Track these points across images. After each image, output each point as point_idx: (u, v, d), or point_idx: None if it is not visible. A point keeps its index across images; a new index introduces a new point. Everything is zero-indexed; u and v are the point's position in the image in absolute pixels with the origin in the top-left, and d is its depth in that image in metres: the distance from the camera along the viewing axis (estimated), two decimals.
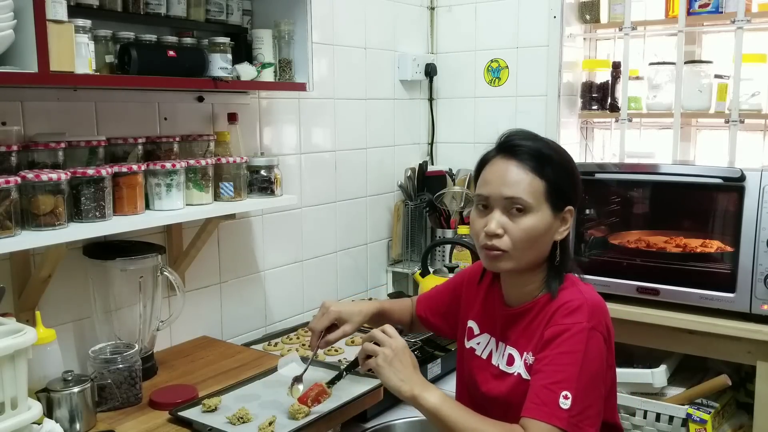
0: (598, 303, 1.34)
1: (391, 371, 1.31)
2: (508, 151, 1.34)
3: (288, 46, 2.02)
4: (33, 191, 1.45)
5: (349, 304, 1.63)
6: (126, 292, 1.76)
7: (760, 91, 2.40)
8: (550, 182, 1.31)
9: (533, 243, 1.32)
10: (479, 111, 2.91)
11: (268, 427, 1.46)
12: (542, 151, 1.32)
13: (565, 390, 1.23)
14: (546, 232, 1.32)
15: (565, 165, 1.35)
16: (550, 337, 1.28)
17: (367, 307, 1.62)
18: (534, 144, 1.34)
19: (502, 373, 1.40)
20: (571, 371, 1.24)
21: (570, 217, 1.35)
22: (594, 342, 1.28)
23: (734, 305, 2.05)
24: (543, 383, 1.25)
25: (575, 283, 1.38)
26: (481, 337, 1.49)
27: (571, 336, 1.26)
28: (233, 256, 2.19)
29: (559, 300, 1.33)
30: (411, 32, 2.89)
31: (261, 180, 2.00)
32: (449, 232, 2.77)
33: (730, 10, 2.39)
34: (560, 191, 1.32)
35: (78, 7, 1.59)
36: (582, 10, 2.74)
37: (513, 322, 1.41)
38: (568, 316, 1.29)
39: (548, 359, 1.27)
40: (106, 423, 1.54)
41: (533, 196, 1.30)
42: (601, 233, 2.38)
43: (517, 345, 1.39)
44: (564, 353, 1.26)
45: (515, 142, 1.34)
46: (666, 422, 2.14)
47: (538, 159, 1.31)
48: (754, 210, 2.00)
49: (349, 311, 1.58)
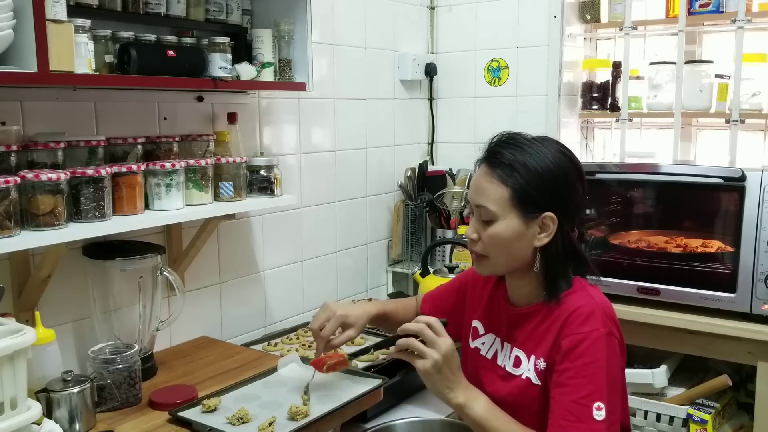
0: (609, 307, 1.34)
1: (439, 378, 1.29)
2: (486, 158, 1.36)
3: (288, 46, 2.02)
4: (32, 191, 1.45)
5: (351, 306, 1.61)
6: (126, 292, 1.76)
7: (760, 90, 2.40)
8: (517, 190, 1.30)
9: (504, 249, 1.33)
10: (479, 111, 2.91)
11: (268, 428, 1.46)
12: (515, 159, 1.31)
13: (597, 401, 1.23)
14: (516, 239, 1.32)
15: (544, 172, 1.31)
16: (568, 348, 1.27)
17: (370, 309, 1.61)
18: (510, 151, 1.33)
19: (509, 374, 1.40)
20: (599, 381, 1.24)
21: (551, 223, 1.32)
22: (612, 347, 1.29)
23: (735, 305, 2.05)
24: (573, 398, 1.24)
25: (584, 287, 1.37)
26: (485, 337, 1.49)
27: (590, 345, 1.26)
28: (233, 256, 2.19)
29: (569, 305, 1.32)
30: (411, 32, 2.89)
31: (261, 180, 1.99)
32: (449, 232, 2.77)
33: (731, 10, 2.39)
34: (529, 198, 1.30)
35: (77, 6, 1.58)
36: (582, 10, 2.73)
37: (519, 323, 1.40)
38: (584, 324, 1.28)
39: (572, 371, 1.26)
40: (106, 423, 1.53)
41: (497, 204, 1.31)
42: (602, 233, 2.37)
43: (524, 347, 1.38)
44: (587, 364, 1.25)
45: (493, 149, 1.36)
46: (666, 422, 2.14)
47: (508, 167, 1.31)
48: (754, 210, 2.00)
49: (354, 315, 1.56)
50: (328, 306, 1.57)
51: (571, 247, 1.37)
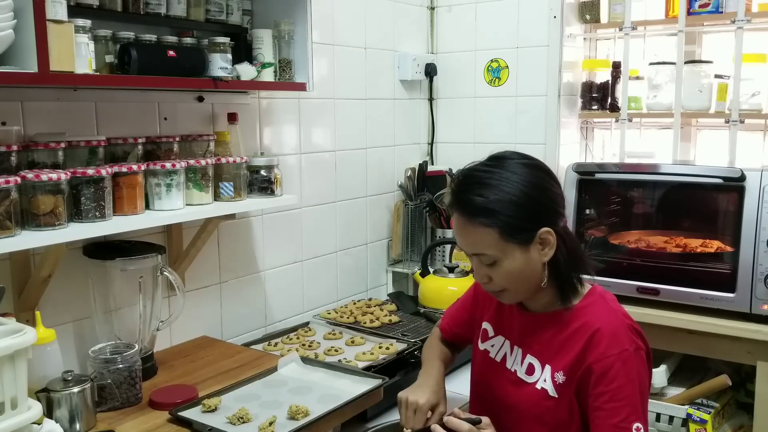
0: (628, 316, 1.35)
1: None
2: (457, 206, 1.33)
3: (288, 46, 2.02)
4: (33, 191, 1.45)
5: (423, 388, 1.47)
6: (126, 292, 1.76)
7: (760, 91, 2.40)
8: (502, 226, 1.28)
9: (518, 279, 1.33)
10: (479, 111, 2.91)
11: (269, 427, 1.46)
12: (486, 200, 1.29)
13: (636, 422, 1.26)
14: (525, 267, 1.32)
15: (518, 197, 1.29)
16: (601, 373, 1.28)
17: (438, 379, 1.52)
18: (477, 193, 1.30)
19: (521, 380, 1.39)
20: (634, 402, 1.27)
21: (550, 237, 1.31)
22: (641, 362, 1.31)
23: (734, 305, 2.05)
24: (613, 422, 1.26)
25: (602, 296, 1.38)
26: (495, 339, 1.48)
27: (622, 366, 1.27)
28: (233, 256, 2.19)
29: (591, 320, 1.32)
30: (411, 32, 2.89)
31: (261, 180, 2.00)
32: (449, 232, 2.77)
33: (730, 10, 2.39)
34: (517, 229, 1.29)
35: (78, 7, 1.59)
36: (582, 10, 2.73)
37: (534, 329, 1.40)
38: (612, 345, 1.29)
39: (607, 396, 1.27)
40: (106, 423, 1.54)
41: (493, 247, 1.30)
42: (602, 233, 2.38)
43: (540, 356, 1.37)
44: (622, 386, 1.27)
45: (461, 198, 1.32)
46: (666, 422, 2.14)
47: (484, 210, 1.29)
48: (754, 210, 2.00)
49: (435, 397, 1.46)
50: (410, 401, 1.44)
51: (572, 246, 1.37)
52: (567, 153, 2.75)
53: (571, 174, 2.35)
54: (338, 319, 2.37)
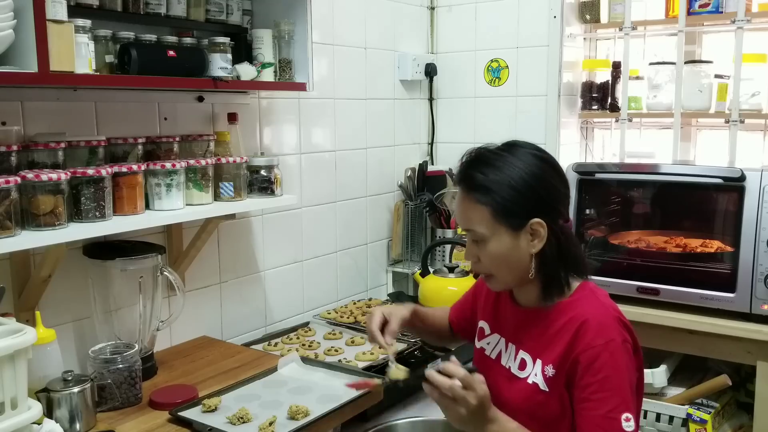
0: (617, 310, 1.35)
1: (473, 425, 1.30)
2: (461, 182, 1.37)
3: (288, 46, 2.02)
4: (33, 191, 1.45)
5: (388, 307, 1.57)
6: (126, 292, 1.76)
7: (760, 91, 2.40)
8: (494, 207, 1.30)
9: (503, 264, 1.34)
10: (479, 111, 2.91)
11: (269, 427, 1.46)
12: (487, 178, 1.32)
13: (625, 412, 1.25)
14: (511, 252, 1.32)
15: (517, 183, 1.31)
16: (587, 363, 1.27)
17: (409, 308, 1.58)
18: (480, 170, 1.33)
19: (513, 376, 1.39)
20: (623, 392, 1.26)
21: (541, 228, 1.31)
22: (628, 355, 1.30)
23: (734, 305, 2.05)
24: (601, 413, 1.25)
25: (593, 291, 1.37)
26: (491, 337, 1.49)
27: (609, 357, 1.27)
28: (233, 256, 2.19)
29: (579, 312, 1.32)
30: (411, 32, 2.89)
31: (261, 180, 2.00)
32: (449, 232, 2.77)
33: (730, 10, 2.39)
34: (509, 212, 1.30)
35: (78, 7, 1.59)
36: (582, 10, 2.74)
37: (526, 324, 1.40)
38: (598, 336, 1.28)
39: (594, 386, 1.26)
40: (106, 423, 1.54)
41: (482, 225, 1.32)
42: (602, 233, 2.38)
43: (532, 351, 1.38)
44: (609, 377, 1.26)
45: (465, 173, 1.36)
46: (666, 422, 2.14)
47: (483, 187, 1.32)
48: (754, 210, 2.00)
49: (389, 311, 1.53)
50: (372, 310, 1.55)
51: (567, 246, 1.37)
52: (567, 153, 2.75)
53: (571, 174, 2.35)
54: (338, 319, 2.37)
